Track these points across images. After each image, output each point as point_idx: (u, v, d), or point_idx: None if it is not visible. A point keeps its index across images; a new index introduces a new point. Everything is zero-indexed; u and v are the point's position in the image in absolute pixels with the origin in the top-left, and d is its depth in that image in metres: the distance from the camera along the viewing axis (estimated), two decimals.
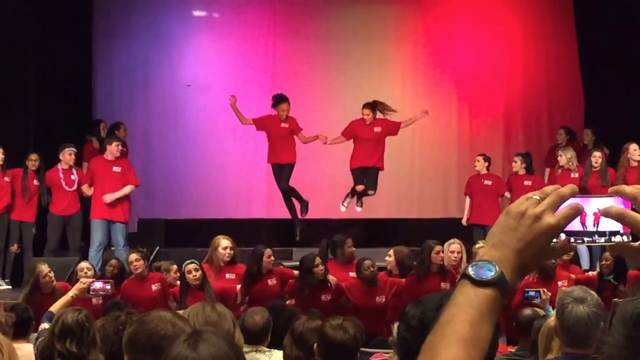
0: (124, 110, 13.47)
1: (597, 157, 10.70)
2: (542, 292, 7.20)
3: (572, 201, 1.43)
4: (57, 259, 10.11)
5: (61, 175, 10.74)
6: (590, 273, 8.92)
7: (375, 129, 11.33)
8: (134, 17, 13.56)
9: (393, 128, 11.48)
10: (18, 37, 11.63)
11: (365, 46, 13.40)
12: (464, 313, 1.38)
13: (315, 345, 4.04)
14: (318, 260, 8.55)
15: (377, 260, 9.13)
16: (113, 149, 10.65)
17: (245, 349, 4.45)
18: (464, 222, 11.04)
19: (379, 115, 11.41)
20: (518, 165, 11.14)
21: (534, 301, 7.12)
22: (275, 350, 4.80)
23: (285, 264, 9.73)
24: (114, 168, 10.67)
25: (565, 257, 8.79)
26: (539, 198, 1.43)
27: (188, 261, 8.27)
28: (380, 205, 12.78)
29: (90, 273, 8.14)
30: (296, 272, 8.89)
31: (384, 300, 8.52)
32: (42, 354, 4.35)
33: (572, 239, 1.46)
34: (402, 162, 13.24)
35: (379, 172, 11.45)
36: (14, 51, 11.58)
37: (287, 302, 8.36)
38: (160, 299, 8.32)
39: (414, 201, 13.31)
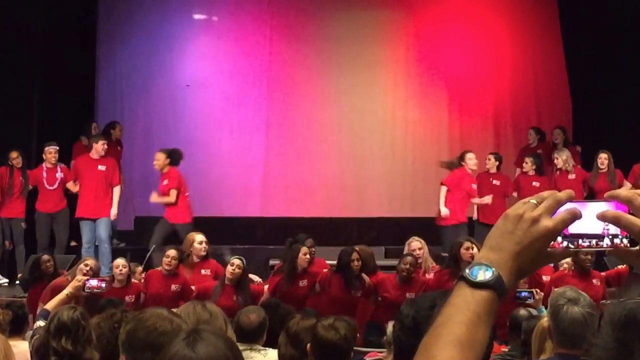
0: (126, 110, 13.62)
1: (603, 159, 10.64)
2: (535, 292, 7.19)
3: (569, 206, 1.42)
4: (56, 256, 10.12)
5: (44, 174, 10.71)
6: (620, 267, 8.65)
7: None
8: (136, 20, 13.71)
9: None
10: (23, 39, 11.65)
11: (359, 49, 13.49)
12: (461, 314, 1.37)
13: (308, 344, 4.05)
14: (355, 255, 8.48)
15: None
16: (98, 147, 10.58)
17: (240, 347, 4.48)
18: (478, 219, 11.00)
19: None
20: (529, 166, 11.10)
21: (527, 302, 7.13)
22: (270, 349, 4.76)
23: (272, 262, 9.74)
24: (99, 167, 10.59)
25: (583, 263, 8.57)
26: (536, 202, 1.43)
27: (234, 256, 8.25)
28: (372, 204, 12.94)
29: (91, 273, 7.99)
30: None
31: (413, 296, 8.28)
32: (37, 352, 4.33)
33: (570, 244, 1.44)
34: (394, 162, 13.34)
35: None
36: (19, 53, 11.59)
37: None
38: (178, 298, 8.05)
39: (406, 200, 13.30)
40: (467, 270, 1.41)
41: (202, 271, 8.80)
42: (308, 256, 8.49)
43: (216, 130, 13.52)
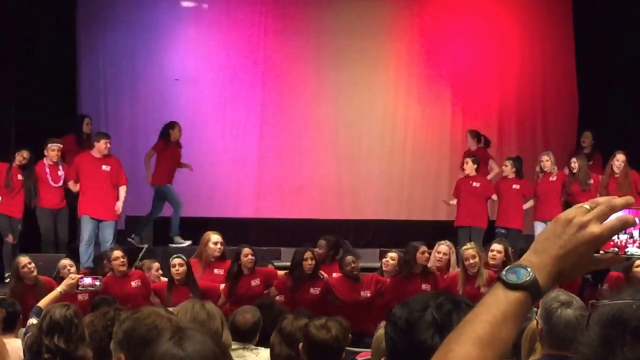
0: (110, 103, 13.30)
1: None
2: None
3: (622, 213, 1.41)
4: (44, 255, 10.11)
5: (47, 170, 10.66)
6: None
7: None
8: (119, 6, 13.25)
9: None
10: None
11: (358, 42, 13.18)
12: (487, 313, 1.40)
13: (301, 344, 4.13)
14: (308, 254, 8.69)
15: (364, 260, 9.20)
16: (101, 146, 10.55)
17: (233, 346, 4.58)
18: (456, 223, 11.24)
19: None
20: (508, 170, 11.27)
21: None
22: (262, 348, 4.84)
23: (276, 263, 9.75)
24: (103, 166, 10.58)
25: None
26: (589, 207, 1.43)
27: (174, 255, 8.43)
28: (369, 206, 12.82)
29: (72, 269, 8.18)
30: (280, 273, 9.01)
31: (369, 295, 8.67)
32: (30, 350, 4.34)
33: (621, 251, 1.45)
34: (393, 164, 13.17)
35: None
36: None
37: (277, 297, 8.53)
38: (140, 295, 8.36)
39: (404, 203, 13.20)
40: (503, 272, 1.44)
41: (216, 270, 8.98)
42: (250, 257, 8.64)
43: (207, 128, 13.27)
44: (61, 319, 4.22)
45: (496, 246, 8.92)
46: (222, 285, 8.75)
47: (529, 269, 1.42)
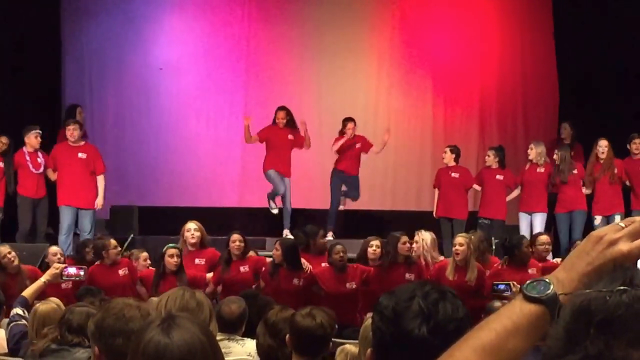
0: (95, 92, 13.27)
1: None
2: (512, 284, 7.25)
3: None
4: (27, 244, 10.05)
5: (27, 158, 10.53)
6: (556, 261, 9.00)
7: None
8: None
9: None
10: None
11: (341, 33, 13.19)
12: (498, 322, 1.38)
13: (287, 335, 4.08)
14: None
15: (350, 250, 9.22)
16: (67, 133, 10.45)
17: (218, 337, 4.51)
18: (434, 214, 11.14)
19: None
20: (491, 160, 11.24)
21: (504, 294, 7.16)
22: (248, 339, 4.81)
23: (260, 253, 9.76)
24: (80, 154, 10.48)
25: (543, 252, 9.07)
26: (623, 225, 1.38)
27: (170, 245, 8.30)
28: None
29: (62, 258, 8.14)
30: (269, 260, 8.99)
31: (354, 286, 8.61)
32: None
33: None
34: (376, 154, 13.23)
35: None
36: None
37: (262, 286, 8.56)
38: (128, 284, 8.35)
39: (387, 193, 13.27)
40: (526, 284, 1.41)
41: (197, 260, 8.87)
42: (238, 243, 8.65)
43: (191, 117, 13.28)
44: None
45: (458, 239, 8.84)
46: (209, 275, 8.70)
47: (552, 285, 1.38)
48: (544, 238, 9.31)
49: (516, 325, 1.36)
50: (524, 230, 10.76)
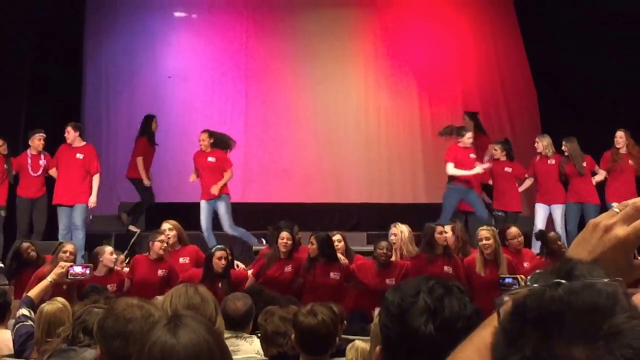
0: (111, 100, 13.84)
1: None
2: (519, 278, 7.18)
3: None
4: (40, 242, 9.77)
5: (29, 161, 10.46)
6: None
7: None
8: (121, 16, 13.99)
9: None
10: (13, 34, 11.63)
11: (330, 44, 13.83)
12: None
13: (293, 335, 3.86)
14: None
15: (350, 243, 9.14)
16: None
17: (225, 335, 4.13)
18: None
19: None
20: (499, 153, 11.07)
21: (512, 288, 7.10)
22: (256, 337, 4.55)
23: (256, 247, 9.74)
24: (77, 154, 10.36)
25: (517, 246, 8.62)
26: (618, 210, 1.30)
27: (219, 247, 7.85)
28: (352, 190, 12.96)
29: (71, 257, 7.76)
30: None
31: (394, 282, 7.94)
32: None
33: None
34: (369, 149, 13.43)
35: None
36: (8, 46, 11.46)
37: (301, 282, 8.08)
38: (164, 286, 7.76)
39: (384, 186, 13.36)
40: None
41: (181, 259, 8.41)
42: (285, 241, 8.24)
43: (197, 120, 13.43)
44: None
45: (483, 233, 8.42)
46: (250, 271, 8.23)
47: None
48: (515, 230, 8.90)
49: None
50: (540, 222, 10.44)
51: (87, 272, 6.41)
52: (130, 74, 13.87)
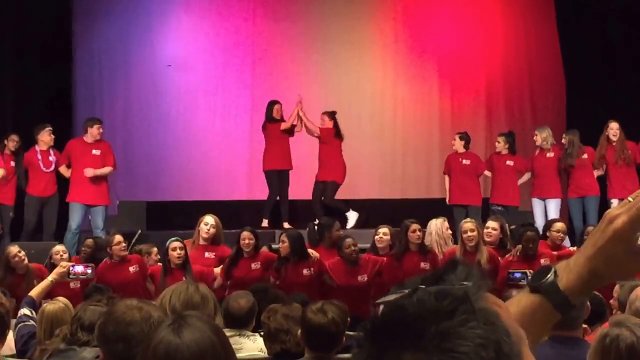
0: (105, 90, 13.31)
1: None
2: (528, 273, 7.16)
3: None
4: (36, 243, 9.86)
5: (39, 157, 10.40)
6: (572, 248, 8.72)
7: None
8: None
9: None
10: None
11: (345, 27, 13.23)
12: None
13: (299, 331, 4.00)
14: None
15: (360, 241, 9.14)
16: (94, 132, 10.41)
17: (228, 333, 4.38)
18: (447, 202, 10.93)
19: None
20: (501, 145, 11.07)
21: (520, 282, 7.07)
22: (259, 335, 4.69)
23: (274, 246, 9.73)
24: (94, 151, 10.39)
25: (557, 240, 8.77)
26: (630, 199, 1.28)
27: (172, 239, 8.06)
28: (363, 185, 12.67)
29: (65, 256, 7.91)
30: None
31: (366, 279, 8.32)
32: None
33: None
34: (384, 142, 13.13)
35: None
36: None
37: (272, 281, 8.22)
38: (138, 281, 8.12)
39: (397, 181, 13.11)
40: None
41: (206, 254, 8.67)
42: (247, 240, 8.42)
43: (199, 112, 13.26)
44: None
45: (491, 223, 8.68)
46: (218, 269, 8.41)
47: (553, 271, 1.30)
48: (560, 225, 8.92)
49: (522, 315, 1.28)
50: (539, 217, 10.50)
51: (89, 271, 6.43)
52: (125, 60, 13.36)
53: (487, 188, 11.28)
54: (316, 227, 9.28)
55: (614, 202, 10.28)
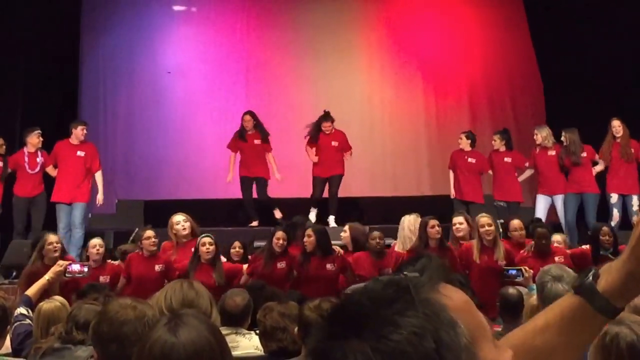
0: (109, 96, 13.69)
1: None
2: (523, 270, 7.17)
3: None
4: (27, 241, 9.82)
5: (26, 159, 10.47)
6: (584, 247, 8.67)
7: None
8: (118, 11, 13.86)
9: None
10: (10, 29, 11.64)
11: (334, 35, 13.74)
12: (533, 320, 1.31)
13: (296, 328, 3.97)
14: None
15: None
16: (78, 133, 10.43)
17: (224, 331, 4.31)
18: (452, 196, 10.91)
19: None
20: (497, 143, 11.08)
21: (515, 280, 7.09)
22: (254, 333, 4.64)
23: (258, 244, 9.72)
24: (78, 152, 10.41)
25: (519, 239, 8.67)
26: None
27: (204, 234, 7.97)
28: (355, 184, 12.84)
29: (58, 246, 7.74)
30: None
31: (390, 272, 8.01)
32: None
33: None
34: (374, 142, 13.45)
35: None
36: (5, 42, 11.49)
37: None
38: (159, 281, 7.84)
39: (388, 180, 13.37)
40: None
41: (192, 249, 8.74)
42: (281, 241, 8.26)
43: (197, 116, 13.54)
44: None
45: (457, 219, 8.66)
46: (245, 265, 8.32)
47: (592, 272, 1.29)
48: (517, 223, 8.82)
49: (547, 320, 1.30)
50: (541, 212, 10.44)
51: (86, 270, 6.40)
52: (128, 69, 13.81)
53: (487, 185, 11.36)
54: (289, 226, 9.05)
55: (614, 196, 10.34)
